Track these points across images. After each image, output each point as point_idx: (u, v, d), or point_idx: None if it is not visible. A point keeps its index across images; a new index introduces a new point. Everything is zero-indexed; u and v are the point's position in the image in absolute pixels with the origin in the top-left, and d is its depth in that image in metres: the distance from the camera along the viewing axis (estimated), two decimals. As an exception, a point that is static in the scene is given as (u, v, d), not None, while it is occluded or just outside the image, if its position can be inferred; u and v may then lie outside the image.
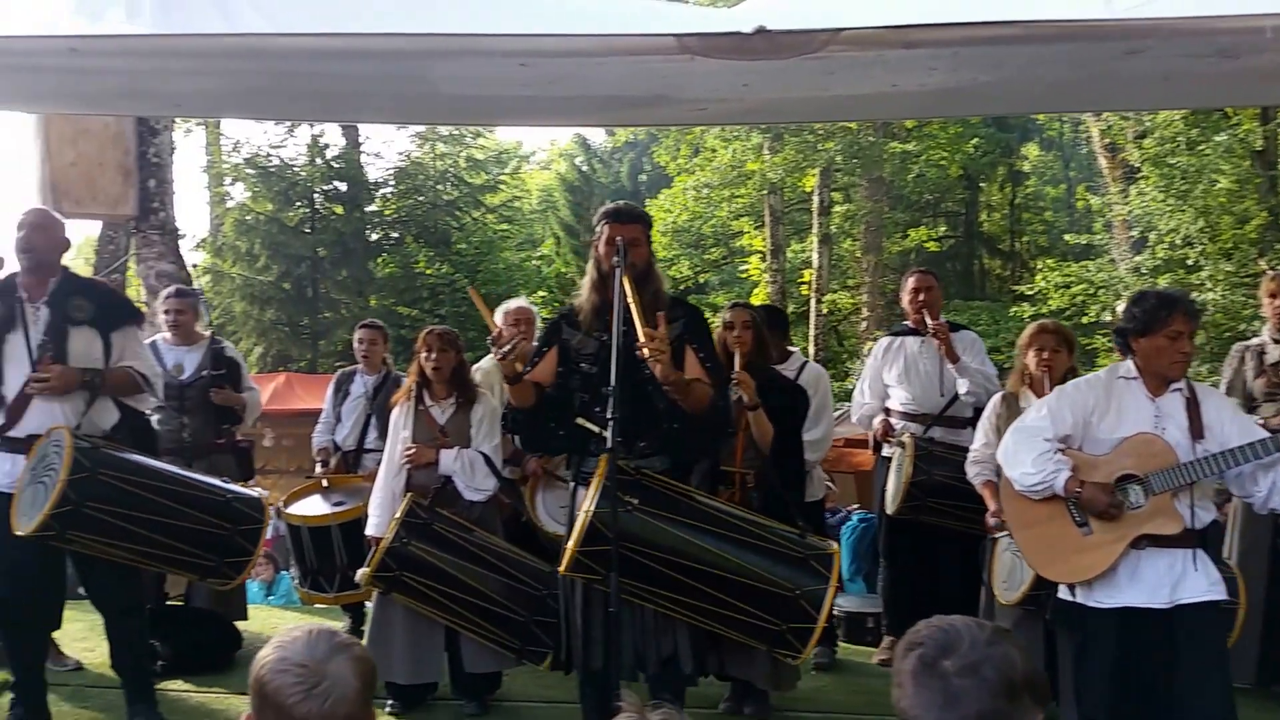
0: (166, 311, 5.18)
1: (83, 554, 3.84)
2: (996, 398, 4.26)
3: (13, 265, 4.00)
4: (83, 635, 5.00)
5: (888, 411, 5.07)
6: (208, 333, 5.33)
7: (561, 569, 3.38)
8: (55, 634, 4.45)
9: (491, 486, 4.31)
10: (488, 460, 4.28)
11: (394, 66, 2.89)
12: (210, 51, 2.86)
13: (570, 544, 3.28)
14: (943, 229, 20.90)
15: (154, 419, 4.64)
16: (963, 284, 20.08)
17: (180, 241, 8.13)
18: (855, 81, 2.88)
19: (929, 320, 4.84)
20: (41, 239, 3.89)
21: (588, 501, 3.26)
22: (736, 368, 3.94)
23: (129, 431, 4.04)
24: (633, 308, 3.18)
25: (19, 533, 3.63)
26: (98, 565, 3.87)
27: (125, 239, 8.00)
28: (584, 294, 3.56)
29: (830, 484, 6.91)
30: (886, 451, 5.01)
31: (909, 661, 1.46)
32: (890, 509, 4.79)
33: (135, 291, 8.31)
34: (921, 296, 4.95)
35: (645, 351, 3.16)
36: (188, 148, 20.72)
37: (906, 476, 4.60)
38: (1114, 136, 14.17)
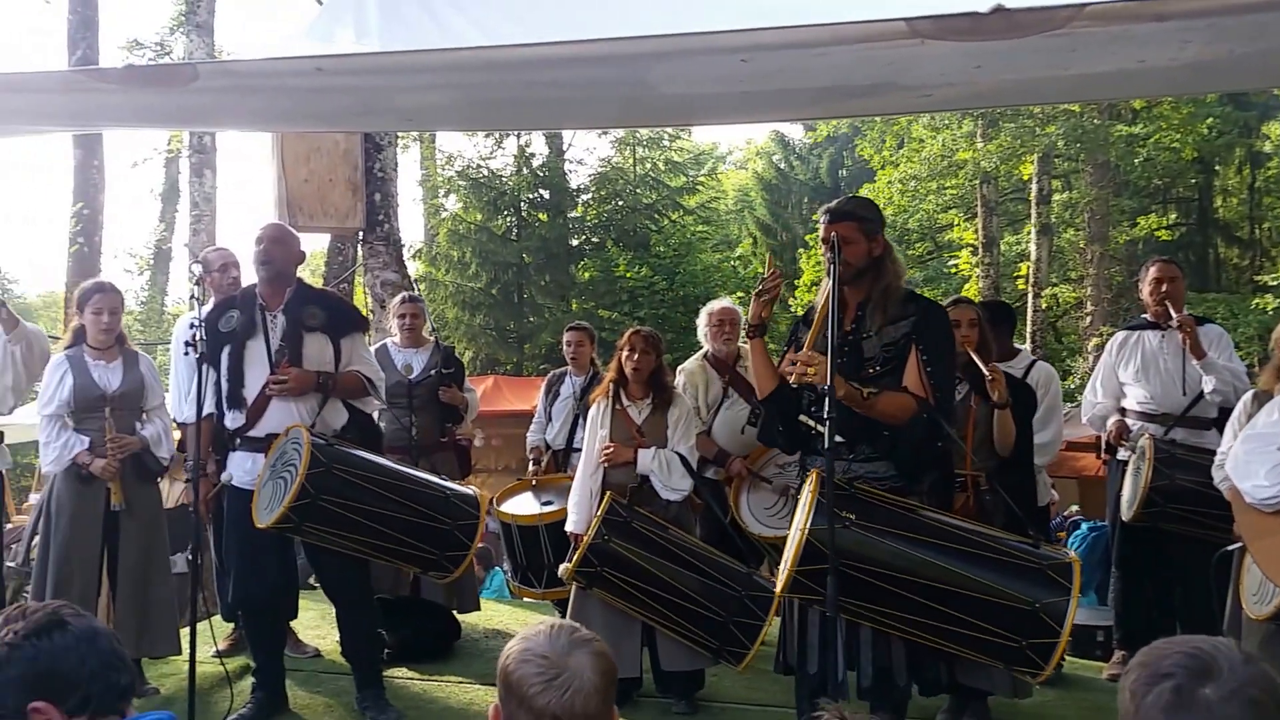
0: (401, 316, 5.46)
1: (316, 546, 4.05)
2: (1247, 396, 3.89)
3: (251, 277, 4.29)
4: (315, 624, 5.30)
5: (1123, 411, 4.75)
6: (431, 337, 5.59)
7: (779, 589, 3.30)
8: (291, 623, 4.75)
9: (687, 486, 4.31)
10: (684, 460, 4.29)
11: (613, 71, 2.90)
12: (433, 66, 2.97)
13: (788, 565, 3.20)
14: (1173, 216, 19.42)
15: (381, 418, 4.88)
16: (1197, 275, 18.57)
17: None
18: (1098, 59, 2.66)
19: (1173, 313, 4.50)
20: (279, 252, 4.13)
21: (803, 520, 3.17)
22: (981, 366, 3.82)
23: (357, 431, 4.26)
24: (818, 310, 3.12)
25: (260, 525, 3.86)
26: (330, 557, 4.07)
27: (352, 250, 8.47)
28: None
29: (1053, 489, 6.54)
30: (1122, 454, 4.69)
31: (1159, 695, 1.28)
32: (1126, 515, 4.49)
33: (361, 299, 8.80)
34: (1164, 287, 4.61)
35: (793, 375, 3.11)
36: (404, 163, 21.88)
37: (1146, 481, 4.29)
38: (1372, 110, 12.78)
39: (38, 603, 1.62)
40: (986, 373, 3.81)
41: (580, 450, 5.39)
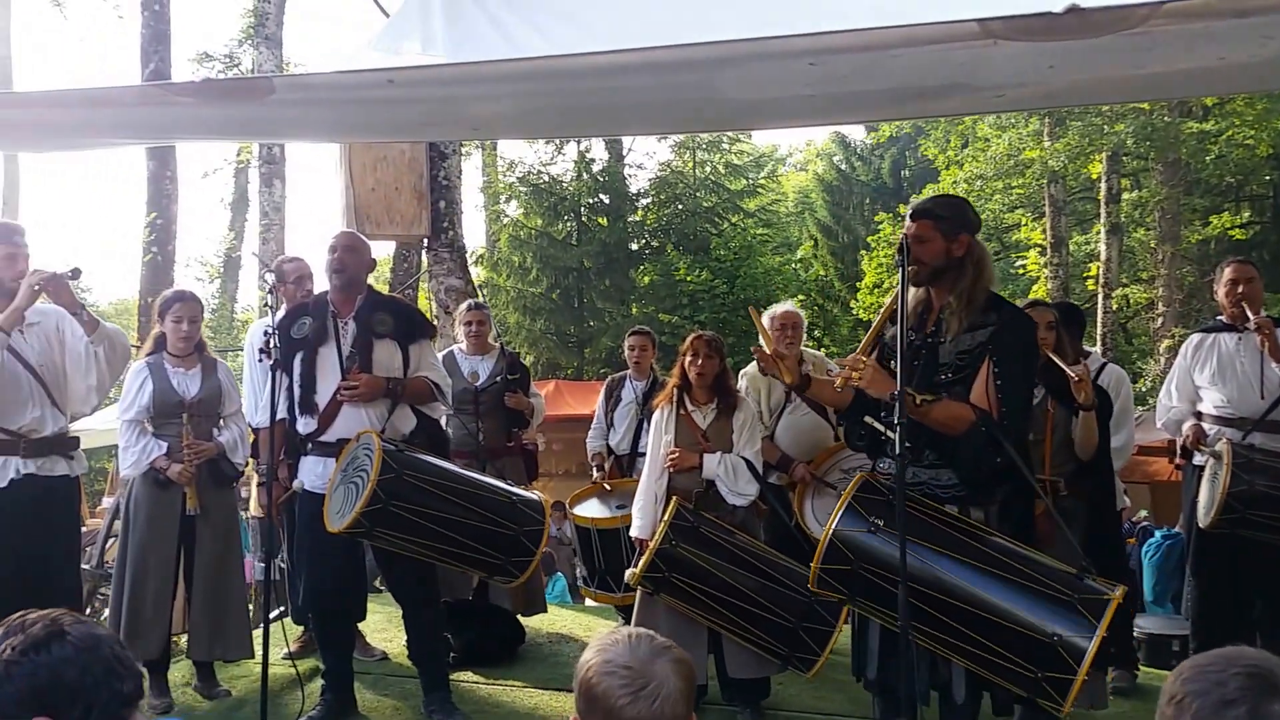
0: (468, 323, 5.52)
1: (384, 550, 4.10)
2: None
3: (323, 284, 4.37)
4: (382, 627, 5.37)
5: (1199, 415, 4.63)
6: (497, 343, 5.64)
7: (809, 583, 3.32)
8: (359, 626, 4.82)
9: (754, 492, 4.29)
10: (749, 465, 4.27)
11: (680, 77, 2.89)
12: (501, 76, 3.00)
13: (813, 562, 3.20)
14: (1247, 214, 18.87)
15: (448, 424, 4.93)
16: (1271, 275, 18.01)
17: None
18: (1176, 57, 2.60)
19: (1250, 314, 4.38)
20: (352, 260, 4.21)
21: (831, 520, 3.17)
22: (1065, 368, 3.77)
23: (425, 437, 4.30)
24: (881, 313, 3.10)
25: (332, 530, 3.92)
26: (398, 561, 4.12)
27: (417, 257, 8.58)
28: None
29: (1125, 495, 6.41)
30: (1197, 459, 4.57)
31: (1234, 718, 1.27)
32: (1203, 522, 4.37)
33: (425, 305, 8.90)
34: (1241, 288, 4.48)
35: (839, 380, 3.10)
36: (466, 169, 22.11)
37: (1224, 487, 4.17)
38: None
39: (39, 612, 1.57)
40: (1071, 375, 3.73)
41: (644, 455, 5.44)
